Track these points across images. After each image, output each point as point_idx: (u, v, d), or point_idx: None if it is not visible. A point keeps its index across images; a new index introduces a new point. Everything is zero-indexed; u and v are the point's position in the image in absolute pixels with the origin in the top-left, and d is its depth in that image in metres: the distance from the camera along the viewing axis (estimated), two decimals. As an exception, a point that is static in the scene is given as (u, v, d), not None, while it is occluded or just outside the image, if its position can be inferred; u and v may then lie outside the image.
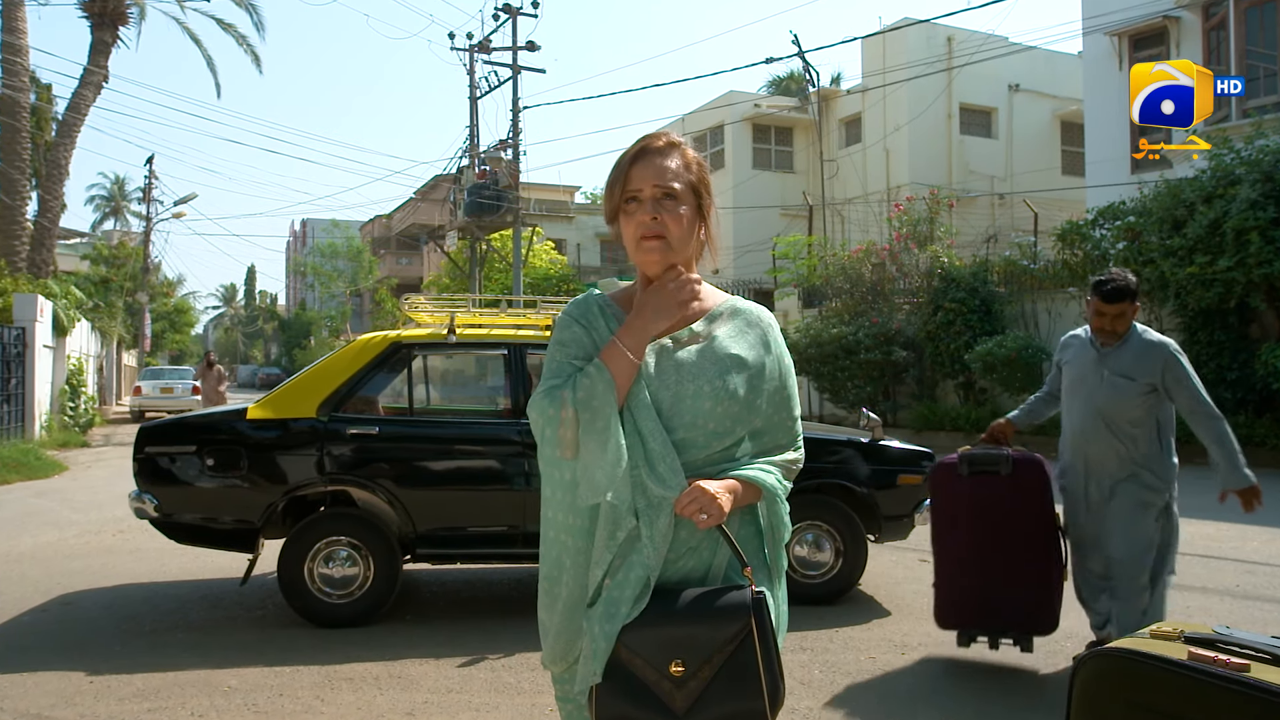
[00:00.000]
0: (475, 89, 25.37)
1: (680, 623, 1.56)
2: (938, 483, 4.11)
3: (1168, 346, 3.77)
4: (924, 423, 15.15)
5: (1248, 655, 1.53)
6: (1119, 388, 3.76)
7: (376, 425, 5.01)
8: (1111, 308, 3.76)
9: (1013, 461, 3.89)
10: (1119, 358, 3.79)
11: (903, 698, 3.83)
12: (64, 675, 4.05)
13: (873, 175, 24.09)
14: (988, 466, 3.93)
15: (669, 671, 1.54)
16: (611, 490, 1.57)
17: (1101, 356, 3.84)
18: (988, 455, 3.96)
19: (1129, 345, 3.81)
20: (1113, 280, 3.77)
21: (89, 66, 20.48)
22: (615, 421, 1.59)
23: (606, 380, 1.60)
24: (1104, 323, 3.79)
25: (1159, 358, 3.74)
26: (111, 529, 7.77)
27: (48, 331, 16.32)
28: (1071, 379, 3.98)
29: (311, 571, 4.79)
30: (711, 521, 1.57)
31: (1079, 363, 3.94)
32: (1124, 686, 1.62)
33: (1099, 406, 3.80)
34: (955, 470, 4.01)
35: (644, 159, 1.69)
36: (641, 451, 1.60)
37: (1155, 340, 3.80)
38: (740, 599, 1.58)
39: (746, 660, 1.55)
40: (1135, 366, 3.75)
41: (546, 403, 1.61)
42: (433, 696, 3.83)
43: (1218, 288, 11.45)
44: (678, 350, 1.68)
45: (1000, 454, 3.93)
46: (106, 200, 53.97)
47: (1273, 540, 6.87)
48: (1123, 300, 3.74)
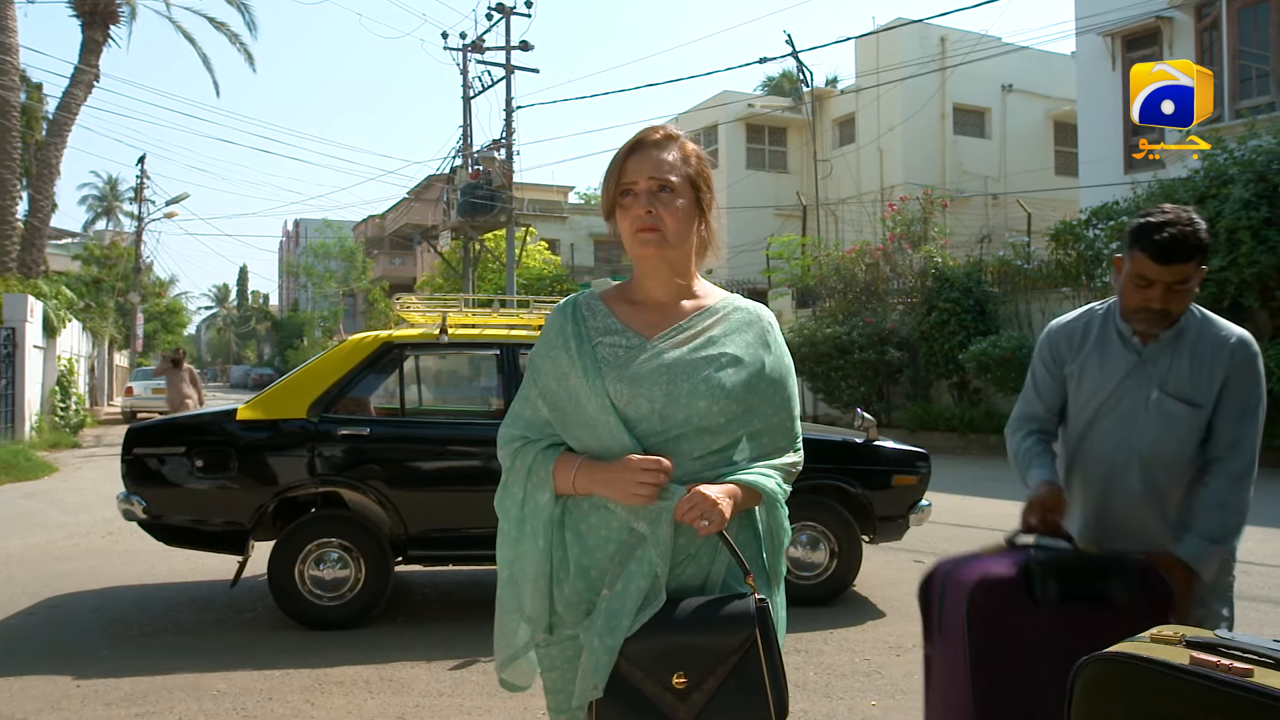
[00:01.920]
0: (468, 89, 25.32)
1: (682, 633, 1.51)
2: (985, 611, 1.99)
3: (1248, 345, 2.24)
4: (918, 423, 15.15)
5: (1251, 660, 1.51)
6: (1173, 418, 2.23)
7: (368, 426, 4.98)
8: (1168, 270, 2.12)
9: (1137, 576, 2.05)
10: (1175, 364, 2.23)
11: (898, 699, 3.81)
12: (51, 679, 4.00)
13: (866, 175, 24.11)
14: (1087, 588, 2.03)
15: (671, 683, 1.50)
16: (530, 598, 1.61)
17: (1144, 360, 2.27)
18: (1083, 563, 2.11)
19: (1186, 342, 2.24)
20: (1173, 224, 2.11)
21: (80, 65, 20.40)
22: (541, 549, 1.61)
23: (546, 500, 1.61)
24: (1152, 297, 2.16)
25: (1232, 363, 2.22)
26: (101, 531, 7.71)
27: (38, 332, 16.23)
28: (1090, 394, 2.34)
29: (302, 574, 4.75)
30: (713, 528, 1.53)
31: (1106, 368, 2.31)
32: (1124, 691, 1.60)
33: (1140, 446, 2.26)
34: (1019, 591, 2.00)
35: (640, 151, 1.65)
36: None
37: (1231, 335, 2.24)
38: (744, 608, 1.53)
39: (751, 671, 1.51)
40: (1197, 380, 2.22)
41: (508, 451, 1.68)
42: (424, 700, 3.79)
43: (1211, 287, 11.47)
44: (668, 349, 1.63)
45: (1108, 560, 2.12)
46: (98, 200, 53.74)
47: (1268, 540, 6.87)
48: (1189, 260, 2.11)
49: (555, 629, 1.62)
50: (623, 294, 1.72)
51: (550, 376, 1.65)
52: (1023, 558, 2.03)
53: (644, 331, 1.65)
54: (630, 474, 1.54)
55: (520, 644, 1.66)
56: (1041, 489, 2.29)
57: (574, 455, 1.62)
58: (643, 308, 1.69)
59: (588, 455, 1.61)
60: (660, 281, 1.68)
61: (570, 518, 1.62)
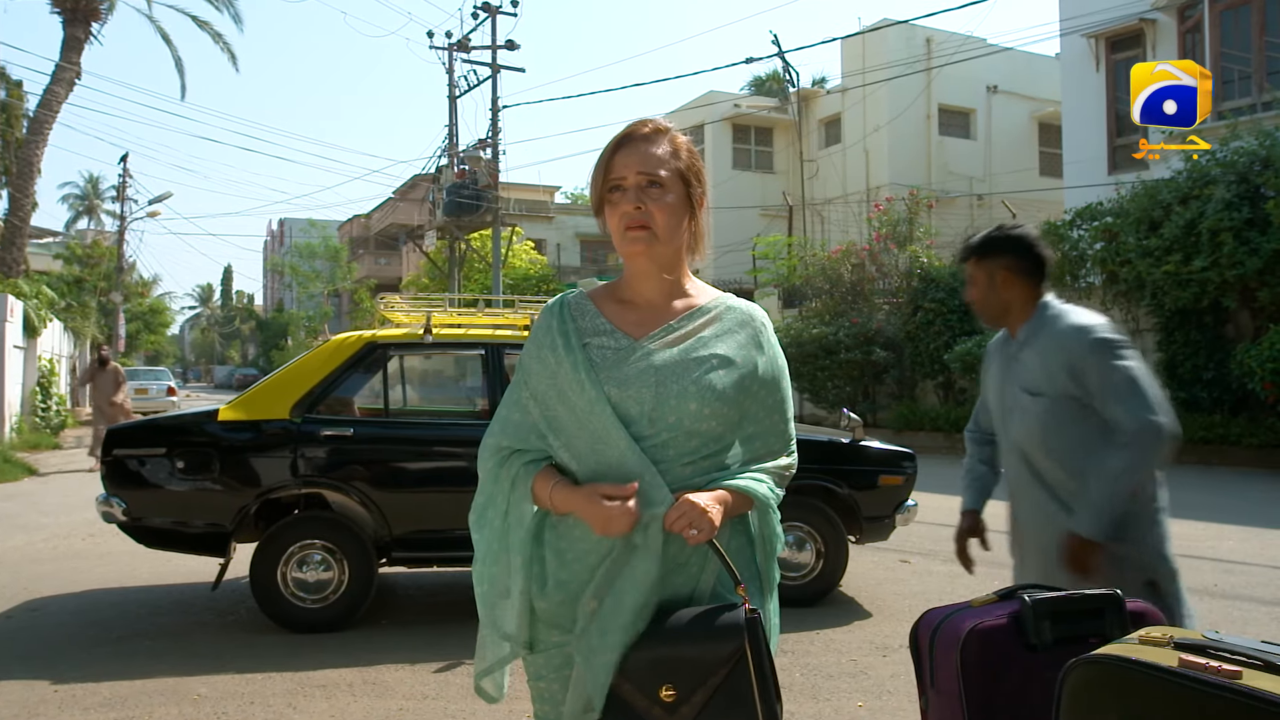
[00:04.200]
0: (454, 88, 25.25)
1: (670, 644, 1.48)
2: (979, 661, 1.89)
3: (1085, 332, 2.38)
4: (904, 423, 15.20)
5: (1239, 661, 1.50)
6: (1027, 410, 2.44)
7: (351, 427, 4.93)
8: (965, 268, 2.58)
9: (1133, 613, 1.92)
10: (1027, 359, 2.47)
11: (884, 700, 3.80)
12: (28, 684, 3.94)
13: (852, 176, 24.18)
14: (1082, 629, 1.91)
15: (660, 697, 1.45)
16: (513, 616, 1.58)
17: (1009, 358, 2.55)
18: (1076, 604, 1.94)
19: (1038, 337, 2.45)
20: (985, 231, 2.62)
21: (61, 63, 20.19)
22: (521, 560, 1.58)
23: (529, 512, 1.58)
24: (971, 293, 2.60)
25: (1068, 352, 2.37)
26: (81, 533, 7.63)
27: (18, 332, 16.07)
28: (990, 393, 2.68)
29: (285, 576, 4.70)
30: (702, 537, 1.49)
31: (993, 369, 2.66)
32: (1112, 694, 1.59)
33: (1016, 438, 2.51)
34: (1014, 638, 1.91)
35: (629, 146, 1.59)
36: (623, 477, 1.52)
37: (1068, 326, 2.41)
38: (734, 619, 1.49)
39: (741, 684, 1.46)
40: (1042, 371, 2.42)
41: (493, 461, 1.63)
42: (408, 703, 3.76)
43: (1193, 288, 11.56)
44: (658, 350, 1.58)
45: (1102, 599, 1.93)
46: (80, 199, 53.32)
47: (1248, 539, 6.91)
48: (966, 259, 2.55)
49: (538, 643, 1.59)
50: (612, 293, 1.67)
51: (540, 377, 1.61)
52: (1014, 605, 1.98)
53: (632, 332, 1.61)
54: (600, 511, 1.49)
55: (497, 659, 1.63)
56: (961, 521, 2.71)
57: (552, 472, 1.58)
58: (632, 307, 1.64)
59: (577, 460, 1.57)
60: (650, 280, 1.63)
61: (552, 532, 1.59)
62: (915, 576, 5.89)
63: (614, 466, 1.54)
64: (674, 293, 1.65)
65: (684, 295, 1.66)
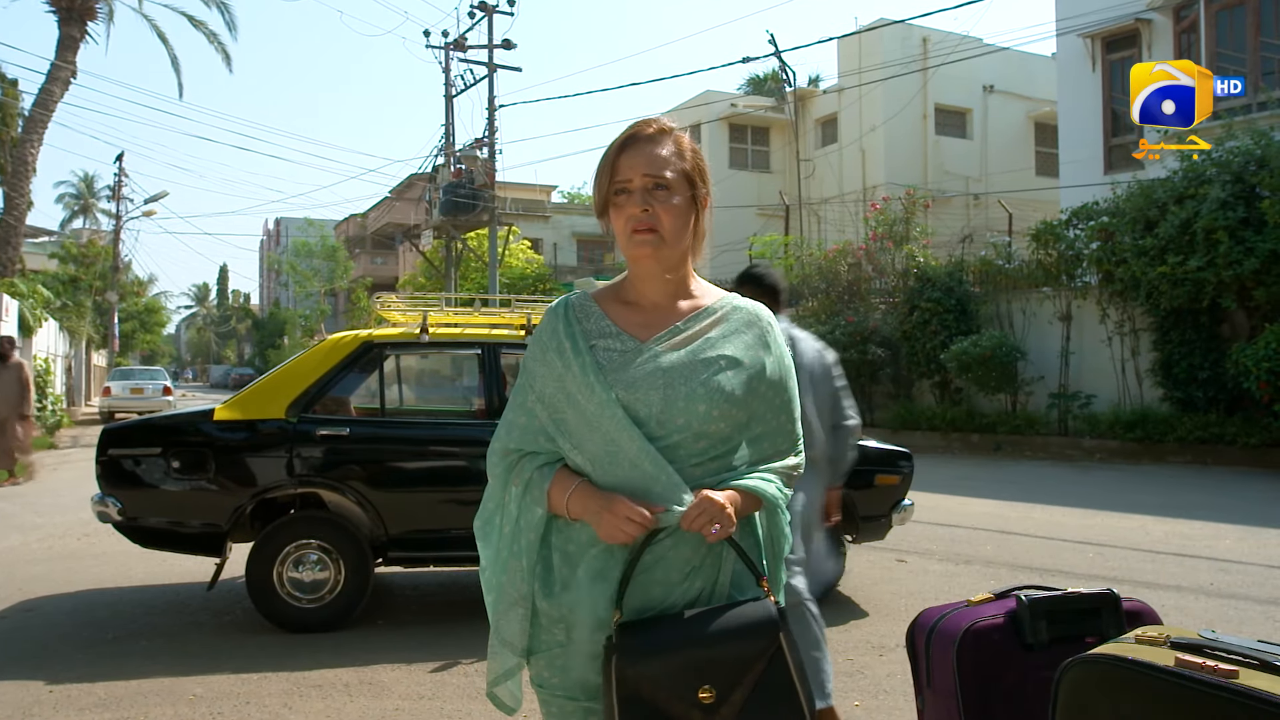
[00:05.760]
0: (451, 87, 25.24)
1: (702, 646, 1.45)
2: (975, 660, 1.95)
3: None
4: (900, 422, 15.21)
5: (1235, 661, 1.50)
6: None
7: (347, 426, 4.92)
8: None
9: (1124, 619, 1.97)
10: None
11: (881, 699, 3.80)
12: (22, 685, 3.93)
13: (849, 175, 24.19)
14: (1078, 628, 1.97)
15: (698, 699, 1.43)
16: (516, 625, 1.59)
17: None
18: (1072, 603, 1.99)
19: None
20: None
21: (56, 62, 20.16)
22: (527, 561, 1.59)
23: (539, 517, 1.58)
24: None
25: None
26: (76, 533, 7.61)
27: (13, 331, 16.02)
28: None
29: (280, 576, 4.69)
30: (723, 534, 1.48)
31: None
32: (1109, 693, 1.58)
33: None
34: (1010, 638, 1.96)
35: (633, 147, 1.57)
36: (639, 478, 1.51)
37: None
38: (764, 613, 1.49)
39: (780, 677, 1.45)
40: None
41: (503, 465, 1.63)
42: (404, 704, 3.75)
43: (1189, 287, 11.58)
44: (665, 352, 1.57)
45: (1097, 598, 1.98)
46: (75, 198, 53.15)
47: (1244, 538, 6.92)
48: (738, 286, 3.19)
49: (539, 644, 1.58)
50: (616, 294, 1.65)
51: (546, 380, 1.59)
52: (1010, 605, 2.01)
53: (638, 334, 1.59)
54: (614, 518, 1.48)
55: (504, 670, 1.62)
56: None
57: (571, 475, 1.56)
58: (637, 309, 1.62)
59: (590, 462, 1.55)
60: (656, 282, 1.61)
61: (559, 535, 1.58)
62: (912, 576, 5.89)
63: (628, 469, 1.52)
64: (679, 293, 1.63)
65: (689, 296, 1.64)
